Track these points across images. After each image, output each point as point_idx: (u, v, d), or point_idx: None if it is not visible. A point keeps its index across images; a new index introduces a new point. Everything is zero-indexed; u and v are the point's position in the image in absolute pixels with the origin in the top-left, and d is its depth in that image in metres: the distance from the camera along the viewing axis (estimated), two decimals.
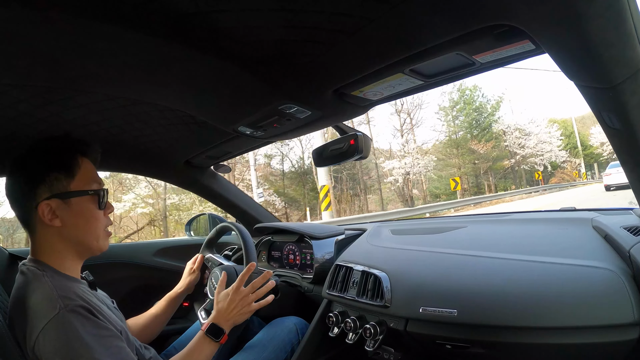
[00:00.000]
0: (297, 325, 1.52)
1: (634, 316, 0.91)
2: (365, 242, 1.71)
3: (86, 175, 1.03)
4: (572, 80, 0.76)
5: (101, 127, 1.34)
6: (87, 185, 1.02)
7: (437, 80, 0.98)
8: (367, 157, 1.21)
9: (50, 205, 0.96)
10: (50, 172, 0.97)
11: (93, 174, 1.05)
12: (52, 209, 0.96)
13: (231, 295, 1.25)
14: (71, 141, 1.05)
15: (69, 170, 0.99)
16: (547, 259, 1.08)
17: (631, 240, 1.03)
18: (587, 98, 0.80)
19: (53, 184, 0.97)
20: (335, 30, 0.78)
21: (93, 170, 1.06)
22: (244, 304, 1.25)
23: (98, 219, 1.04)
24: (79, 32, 0.70)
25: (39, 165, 0.98)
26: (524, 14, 0.64)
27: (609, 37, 0.61)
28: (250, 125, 1.23)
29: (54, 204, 0.96)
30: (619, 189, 15.54)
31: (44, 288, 0.89)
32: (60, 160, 1.00)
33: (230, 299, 1.24)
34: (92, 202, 1.03)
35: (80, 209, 1.00)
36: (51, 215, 0.96)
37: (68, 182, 0.99)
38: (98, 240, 1.04)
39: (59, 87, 1.01)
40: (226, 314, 1.22)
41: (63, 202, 0.98)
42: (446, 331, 1.15)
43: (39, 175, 0.97)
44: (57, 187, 0.97)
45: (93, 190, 1.03)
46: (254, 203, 2.33)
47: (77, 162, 1.01)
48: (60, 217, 0.97)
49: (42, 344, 0.82)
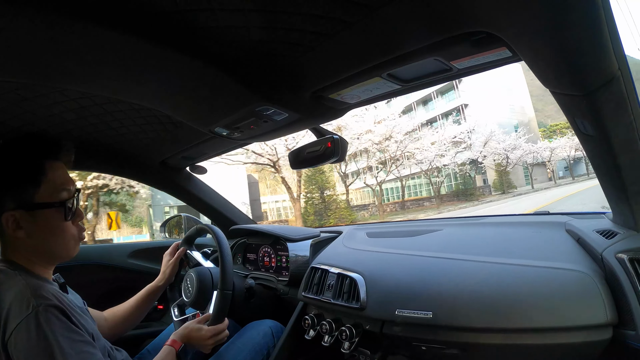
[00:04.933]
0: (273, 328, 1.51)
1: (607, 317, 0.94)
2: (341, 245, 1.71)
3: (54, 183, 0.97)
4: (547, 87, 0.77)
5: (76, 126, 1.31)
6: (54, 194, 0.96)
7: (414, 84, 0.99)
8: (343, 160, 1.21)
9: (14, 215, 0.92)
10: (15, 181, 0.93)
11: (62, 181, 0.99)
12: (15, 219, 0.92)
13: (204, 334, 1.27)
14: (40, 144, 0.99)
15: (34, 179, 0.94)
16: (522, 262, 1.10)
17: (603, 244, 1.06)
18: (561, 105, 0.82)
19: (17, 193, 0.92)
20: (314, 33, 0.78)
21: (63, 175, 1.00)
22: (208, 346, 1.29)
23: (65, 230, 0.99)
24: (55, 28, 0.68)
25: (4, 173, 0.93)
26: (501, 21, 0.65)
27: (584, 46, 0.62)
28: (227, 127, 1.21)
29: (18, 214, 0.92)
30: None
31: (18, 287, 0.87)
32: (25, 168, 0.94)
33: (202, 338, 1.27)
34: (58, 214, 0.97)
35: (46, 221, 0.96)
36: (15, 226, 0.92)
37: (33, 191, 0.94)
38: (67, 250, 1.01)
39: (33, 84, 0.99)
40: (193, 343, 1.26)
41: (27, 213, 0.93)
42: (422, 333, 1.16)
43: (4, 184, 0.92)
44: (22, 197, 0.93)
45: (59, 201, 0.97)
46: (229, 205, 2.31)
47: (43, 170, 0.95)
48: (25, 228, 0.93)
49: (14, 343, 0.80)
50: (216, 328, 1.29)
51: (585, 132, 0.86)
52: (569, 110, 0.83)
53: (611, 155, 0.88)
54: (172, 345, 1.18)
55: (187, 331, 1.25)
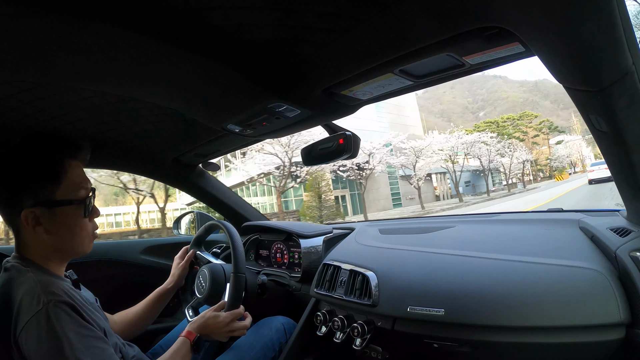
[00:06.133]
0: (285, 324, 1.52)
1: (620, 316, 0.92)
2: (354, 241, 1.71)
3: (73, 181, 0.99)
4: (561, 82, 0.76)
5: (89, 124, 1.32)
6: (73, 192, 0.99)
7: (426, 80, 0.98)
8: (355, 157, 1.20)
9: (34, 212, 0.93)
10: (35, 179, 0.94)
11: (80, 179, 1.01)
12: (36, 216, 0.93)
13: (221, 322, 1.26)
14: (59, 143, 1.01)
15: (54, 177, 0.96)
16: (534, 260, 1.09)
17: (617, 242, 1.04)
18: (575, 100, 0.81)
19: (37, 191, 0.94)
20: (326, 30, 0.78)
21: (81, 174, 1.03)
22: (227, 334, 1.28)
23: (83, 227, 1.02)
24: (67, 27, 0.69)
25: (24, 171, 0.94)
26: (515, 16, 0.65)
27: (598, 41, 0.61)
28: (239, 124, 1.22)
29: (38, 211, 0.94)
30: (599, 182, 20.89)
31: (28, 283, 0.88)
32: (46, 166, 0.96)
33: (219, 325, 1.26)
34: (77, 211, 0.99)
35: (65, 218, 0.98)
36: (35, 222, 0.94)
37: (53, 189, 0.95)
38: (83, 246, 1.03)
39: (47, 83, 1.00)
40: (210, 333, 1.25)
41: (47, 210, 0.95)
42: (433, 330, 1.16)
43: (24, 182, 0.94)
44: (42, 194, 0.94)
45: (79, 199, 1.00)
46: (242, 201, 2.32)
47: (63, 168, 0.97)
48: (44, 225, 0.94)
49: (25, 339, 0.82)
50: (233, 313, 1.29)
51: (599, 129, 0.85)
52: (583, 106, 0.82)
53: (625, 152, 0.87)
54: (187, 337, 1.18)
55: (203, 320, 1.25)
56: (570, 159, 59.65)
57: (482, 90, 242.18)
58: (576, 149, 59.83)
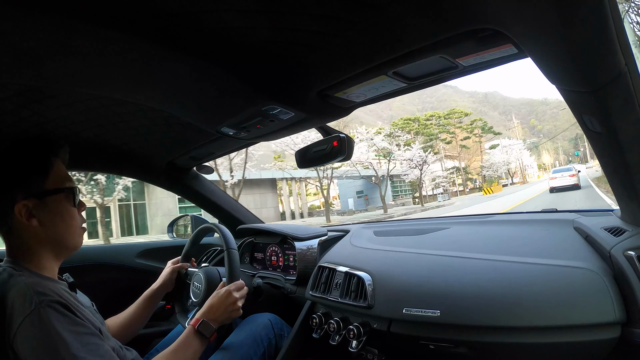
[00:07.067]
0: (272, 320, 1.52)
1: (615, 315, 0.93)
2: (349, 244, 1.71)
3: (59, 175, 1.04)
4: (554, 84, 0.77)
5: (84, 127, 1.32)
6: (60, 183, 1.04)
7: (420, 82, 0.99)
8: (350, 159, 1.21)
9: (27, 205, 0.96)
10: (25, 174, 0.99)
11: (65, 173, 1.07)
12: (29, 208, 0.96)
13: (223, 294, 1.28)
14: (45, 143, 1.06)
15: (43, 170, 1.01)
16: (529, 260, 1.10)
17: (612, 241, 1.05)
18: (568, 102, 0.81)
19: (29, 184, 0.98)
20: (320, 33, 0.78)
21: (64, 170, 1.08)
22: (234, 307, 1.28)
23: (74, 216, 1.06)
24: (62, 30, 0.68)
25: (15, 168, 0.99)
26: (508, 18, 0.65)
27: (591, 42, 0.62)
28: (233, 126, 1.22)
29: (31, 204, 0.97)
30: (560, 191, 20.79)
31: (20, 286, 0.89)
32: (34, 162, 1.01)
33: (223, 299, 1.27)
34: (67, 200, 1.04)
35: (57, 207, 1.02)
36: (28, 215, 0.96)
37: (43, 181, 1.00)
38: (74, 238, 1.06)
39: (41, 85, 1.00)
40: (217, 312, 1.25)
41: (39, 201, 0.98)
42: (429, 332, 1.16)
43: (15, 178, 0.98)
44: (33, 187, 0.99)
45: (67, 187, 1.04)
46: (236, 204, 2.32)
47: (50, 163, 1.03)
48: (38, 216, 0.97)
49: (20, 341, 0.82)
50: (236, 284, 1.33)
51: (592, 130, 0.86)
52: (576, 107, 0.82)
53: (619, 153, 0.87)
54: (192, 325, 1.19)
55: (210, 303, 1.27)
56: (507, 167, 54.51)
57: (431, 98, 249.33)
58: (515, 156, 54.86)
